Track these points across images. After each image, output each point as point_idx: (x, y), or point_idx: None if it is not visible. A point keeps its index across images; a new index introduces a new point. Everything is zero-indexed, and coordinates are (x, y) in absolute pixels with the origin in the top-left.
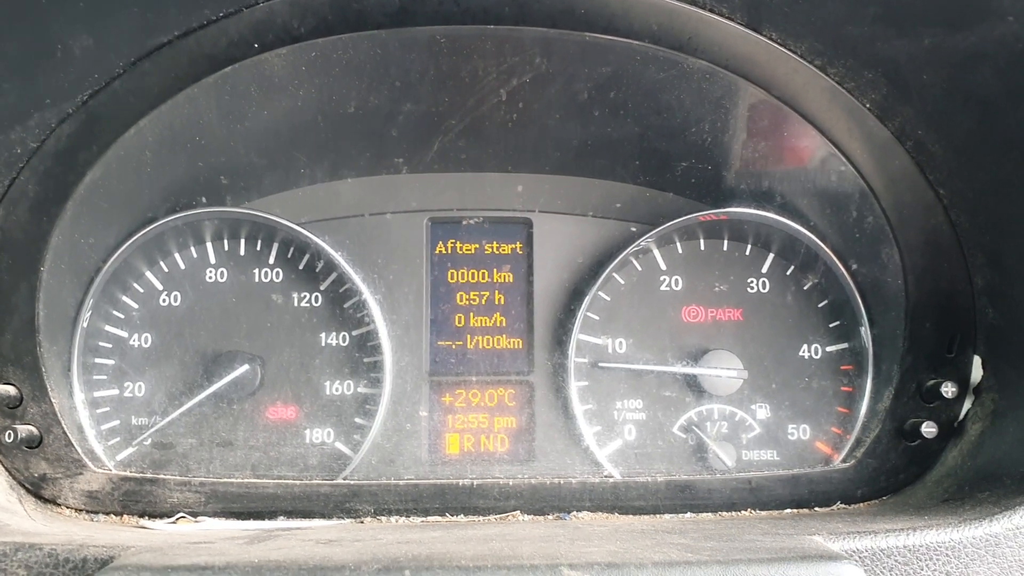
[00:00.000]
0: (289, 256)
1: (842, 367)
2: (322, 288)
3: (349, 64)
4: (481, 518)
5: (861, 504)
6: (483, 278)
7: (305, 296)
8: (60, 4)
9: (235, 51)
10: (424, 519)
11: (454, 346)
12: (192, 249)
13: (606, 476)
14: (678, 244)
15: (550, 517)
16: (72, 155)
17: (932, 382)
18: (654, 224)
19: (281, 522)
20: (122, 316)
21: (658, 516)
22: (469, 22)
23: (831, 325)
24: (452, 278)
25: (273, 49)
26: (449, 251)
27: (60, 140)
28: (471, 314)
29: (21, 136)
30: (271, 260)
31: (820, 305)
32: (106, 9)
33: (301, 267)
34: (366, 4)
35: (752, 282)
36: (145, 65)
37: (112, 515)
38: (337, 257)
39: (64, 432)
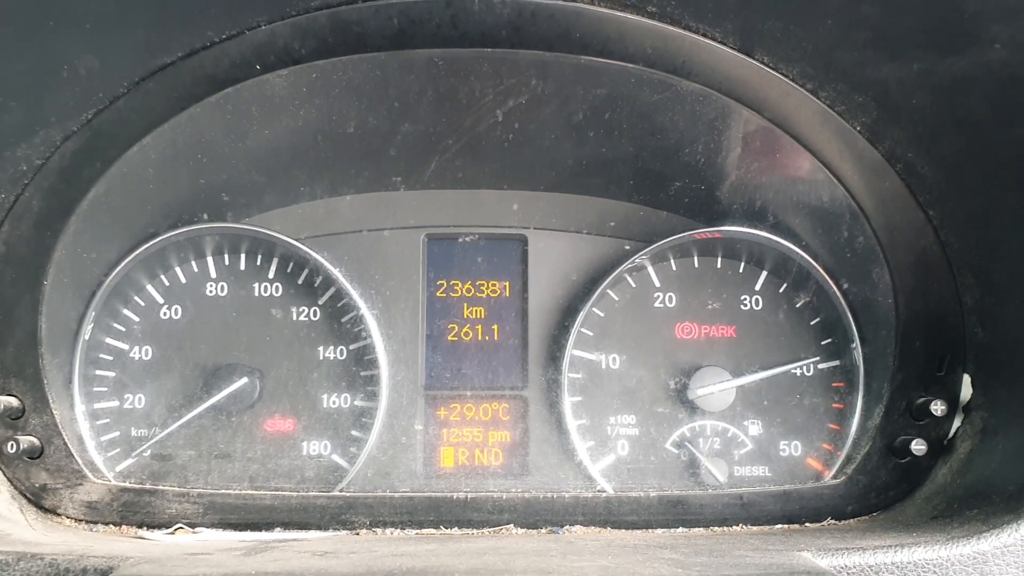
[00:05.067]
0: (288, 271)
1: (833, 384)
2: (320, 303)
3: (349, 85)
4: (475, 531)
5: (851, 520)
6: (479, 294)
7: (304, 310)
8: (66, 25)
9: (237, 72)
10: (419, 532)
11: (449, 361)
12: (193, 263)
13: (599, 491)
14: (672, 261)
15: (543, 531)
16: (76, 172)
17: (922, 400)
18: (648, 242)
19: (278, 533)
20: (123, 329)
21: (650, 531)
22: (467, 45)
23: (823, 343)
24: (448, 293)
25: (274, 70)
26: (445, 267)
27: (64, 157)
28: (466, 329)
29: (26, 153)
30: (271, 275)
31: (812, 323)
32: (111, 30)
33: (300, 282)
34: (366, 27)
35: (745, 299)
36: (149, 85)
37: (111, 525)
38: (335, 272)
39: (65, 443)
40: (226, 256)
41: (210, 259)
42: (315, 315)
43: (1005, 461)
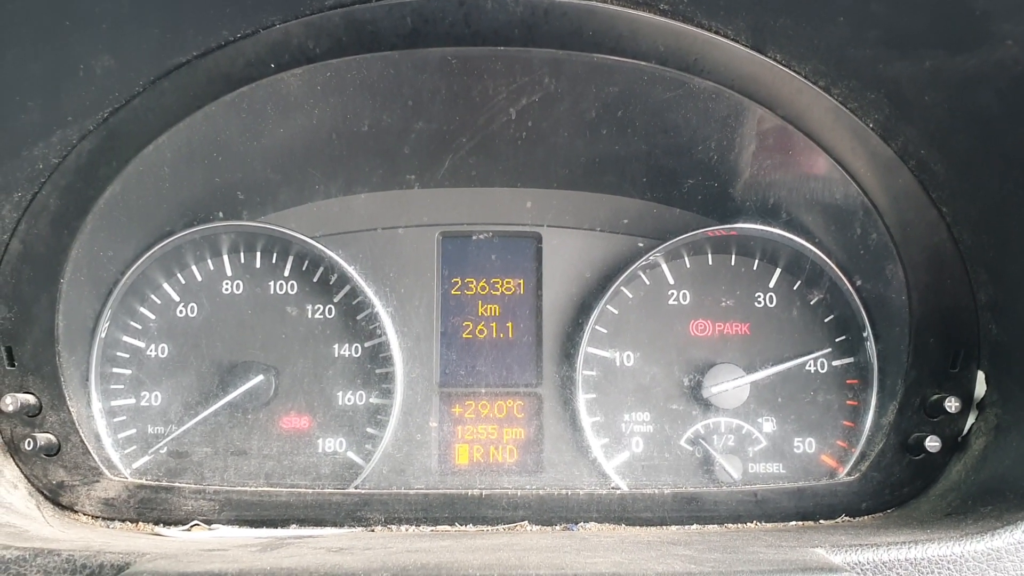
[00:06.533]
0: (304, 269)
1: (847, 381)
2: (335, 300)
3: (363, 84)
4: (489, 528)
5: (865, 517)
6: (493, 291)
7: (319, 308)
8: (83, 25)
9: (252, 71)
10: (433, 528)
11: (464, 358)
12: (209, 261)
13: (613, 488)
14: (686, 259)
15: (557, 528)
16: (93, 170)
17: (936, 397)
18: (661, 239)
19: (293, 530)
20: (139, 327)
21: (664, 528)
22: (480, 43)
23: (837, 340)
24: (463, 291)
25: (289, 69)
26: (460, 265)
27: (81, 156)
28: (481, 326)
29: (44, 152)
30: (286, 273)
31: (826, 320)
32: (127, 30)
33: (315, 280)
34: (380, 26)
35: (759, 297)
36: (164, 84)
37: (128, 522)
38: (350, 270)
39: (82, 440)
40: (242, 254)
41: (226, 257)
42: (330, 313)
43: (1019, 457)
